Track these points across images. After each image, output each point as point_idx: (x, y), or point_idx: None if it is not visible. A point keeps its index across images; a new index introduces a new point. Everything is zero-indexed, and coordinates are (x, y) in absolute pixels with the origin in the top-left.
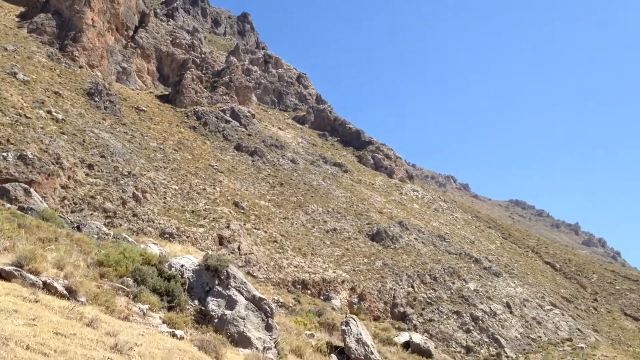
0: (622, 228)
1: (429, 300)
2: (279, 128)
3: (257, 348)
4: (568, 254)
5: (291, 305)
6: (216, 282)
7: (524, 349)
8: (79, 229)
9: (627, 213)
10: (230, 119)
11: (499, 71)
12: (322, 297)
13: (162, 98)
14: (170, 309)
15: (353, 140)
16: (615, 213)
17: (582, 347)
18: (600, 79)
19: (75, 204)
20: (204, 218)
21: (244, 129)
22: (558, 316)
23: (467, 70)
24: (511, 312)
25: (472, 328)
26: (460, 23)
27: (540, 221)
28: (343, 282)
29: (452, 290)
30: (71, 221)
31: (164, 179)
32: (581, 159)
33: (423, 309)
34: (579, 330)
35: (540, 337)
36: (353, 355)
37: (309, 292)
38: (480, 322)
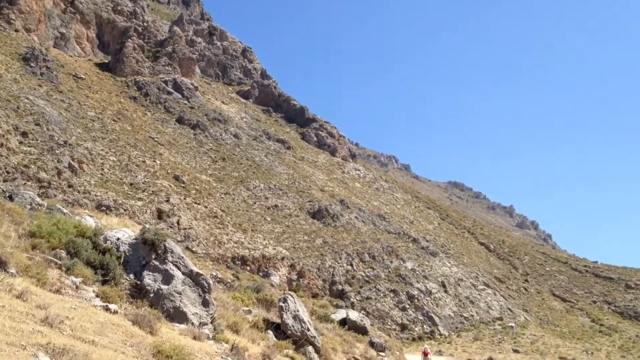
0: (553, 212)
1: (367, 279)
2: (223, 102)
3: (193, 323)
4: (502, 235)
5: (230, 281)
6: (153, 256)
7: (457, 327)
8: (10, 198)
9: (559, 197)
10: (172, 90)
11: (438, 51)
12: (261, 274)
13: (102, 66)
14: (104, 282)
15: (297, 117)
16: (547, 197)
17: (512, 326)
18: (541, 57)
19: (7, 172)
20: (143, 191)
21: (186, 102)
22: (490, 296)
23: (411, 49)
24: (446, 291)
25: (407, 306)
26: None
27: (477, 203)
28: (283, 259)
29: (390, 269)
30: (3, 190)
31: (102, 150)
32: (519, 142)
33: (361, 287)
34: (509, 309)
35: (472, 315)
36: (289, 332)
37: (248, 268)
38: (416, 300)
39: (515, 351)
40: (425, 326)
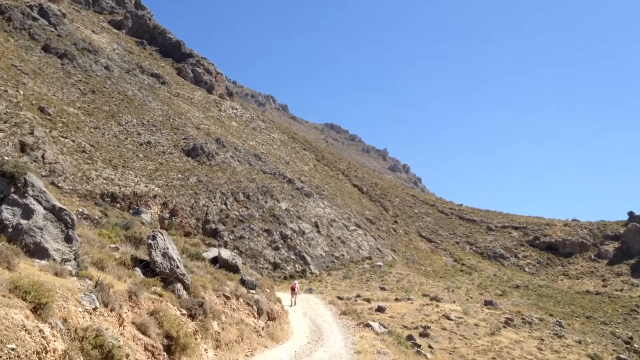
0: (424, 156)
1: (241, 218)
2: (93, 31)
3: (54, 259)
4: (375, 178)
5: (97, 218)
6: (12, 189)
7: (328, 266)
8: None
9: (430, 142)
10: (38, 16)
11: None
12: (131, 212)
13: None
14: None
15: (173, 51)
16: (419, 142)
17: (379, 265)
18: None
19: None
20: (5, 122)
21: (53, 29)
22: (361, 236)
23: None
24: (319, 232)
25: (280, 246)
26: None
27: (353, 146)
28: (155, 196)
29: (265, 209)
30: None
31: None
32: (395, 88)
33: (235, 227)
34: (378, 249)
35: (343, 255)
36: (158, 269)
37: (118, 205)
38: (289, 240)
39: (382, 289)
40: (297, 265)
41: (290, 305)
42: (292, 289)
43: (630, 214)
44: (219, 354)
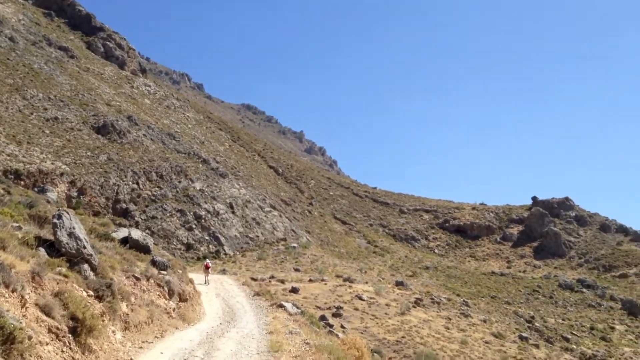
0: (339, 138)
1: (153, 198)
2: None
3: None
4: (291, 159)
5: None
6: None
7: (242, 247)
8: None
9: (345, 125)
10: None
11: None
12: (36, 189)
13: None
14: None
15: (82, 24)
16: (334, 124)
17: (294, 247)
18: None
19: None
20: None
21: None
22: (276, 217)
23: None
24: (233, 213)
25: (194, 226)
26: None
27: (269, 127)
28: (62, 174)
29: (178, 189)
30: None
31: None
32: (312, 71)
33: (147, 206)
34: (293, 231)
35: (258, 236)
36: (64, 249)
37: (22, 183)
38: (203, 221)
39: (296, 270)
40: (211, 246)
41: (205, 284)
42: (206, 267)
43: (534, 198)
44: (128, 335)
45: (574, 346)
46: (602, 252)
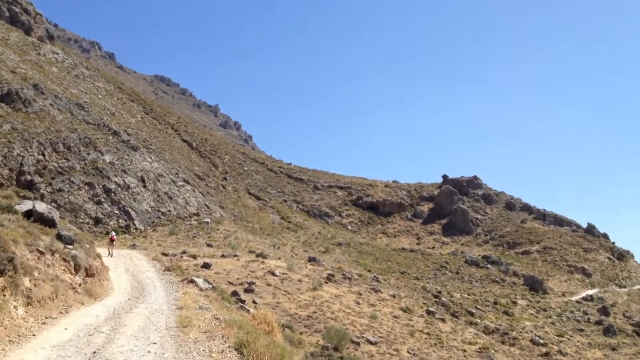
0: (255, 113)
1: (60, 170)
2: None
3: None
4: (205, 134)
5: None
6: None
7: (154, 222)
8: None
9: (260, 97)
10: None
11: None
12: None
13: None
14: None
15: None
16: (250, 98)
17: (207, 222)
18: None
19: None
20: None
21: None
22: (189, 192)
23: None
24: (145, 186)
25: (103, 200)
26: None
27: (183, 100)
28: None
29: (87, 162)
30: None
31: None
32: (229, 44)
33: (53, 179)
34: (206, 206)
35: (170, 211)
36: None
37: None
38: (112, 194)
39: (209, 245)
40: (120, 220)
41: (108, 256)
42: (111, 240)
43: (444, 177)
44: (31, 310)
45: (478, 320)
46: (507, 229)
